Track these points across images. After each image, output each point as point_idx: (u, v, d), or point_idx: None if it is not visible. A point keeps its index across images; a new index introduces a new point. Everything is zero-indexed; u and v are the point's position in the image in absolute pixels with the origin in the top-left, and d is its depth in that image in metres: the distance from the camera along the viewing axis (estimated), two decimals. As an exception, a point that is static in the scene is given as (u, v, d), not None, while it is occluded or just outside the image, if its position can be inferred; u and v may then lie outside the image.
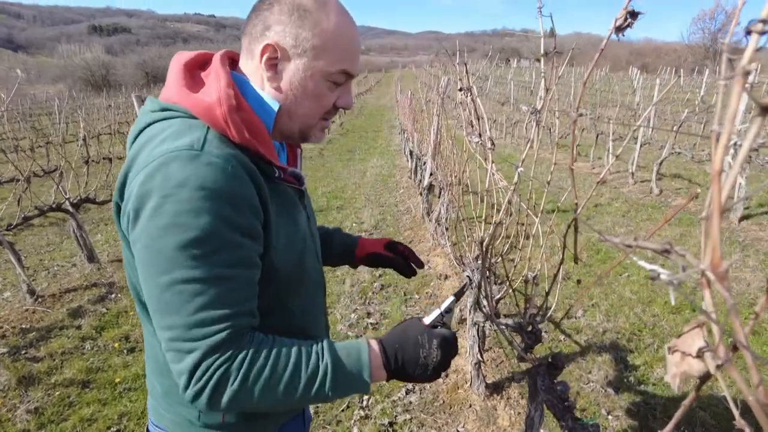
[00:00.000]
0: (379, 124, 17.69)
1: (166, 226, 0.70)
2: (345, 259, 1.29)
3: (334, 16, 0.83)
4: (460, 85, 1.81)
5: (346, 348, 0.83)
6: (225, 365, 0.72)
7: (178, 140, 0.74)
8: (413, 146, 7.66)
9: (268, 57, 0.83)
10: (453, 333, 0.91)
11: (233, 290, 0.74)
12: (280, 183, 0.88)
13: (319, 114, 0.89)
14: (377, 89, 42.71)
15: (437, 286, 4.06)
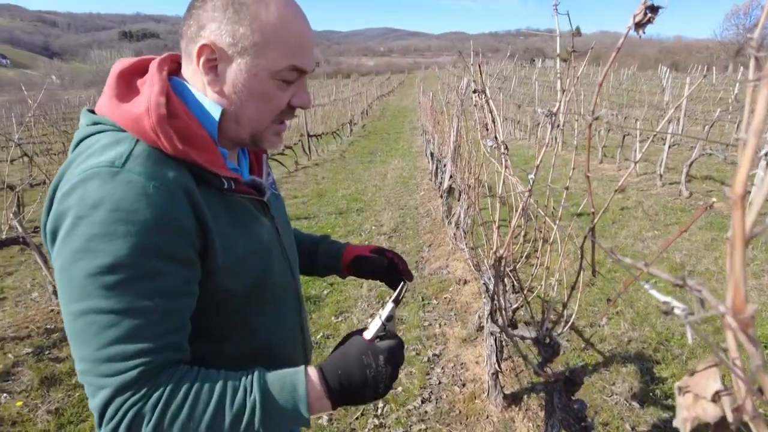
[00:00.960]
0: (401, 126, 17.65)
1: (78, 250, 0.64)
2: (332, 268, 1.20)
3: (275, 7, 0.75)
4: (474, 87, 1.75)
5: (280, 380, 0.73)
6: (138, 405, 0.65)
7: (101, 156, 0.68)
8: (434, 148, 7.59)
9: (206, 59, 0.75)
10: (398, 341, 0.82)
11: (151, 324, 0.67)
12: (232, 194, 0.81)
13: (270, 117, 0.81)
14: (400, 91, 42.69)
15: (456, 291, 3.98)
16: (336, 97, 22.30)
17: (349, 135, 15.66)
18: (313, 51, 0.80)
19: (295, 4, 0.78)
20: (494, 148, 1.69)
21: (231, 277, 0.78)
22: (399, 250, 5.09)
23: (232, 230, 0.79)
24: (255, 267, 0.83)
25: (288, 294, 0.95)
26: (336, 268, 1.19)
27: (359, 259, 1.16)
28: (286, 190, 8.17)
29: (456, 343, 3.20)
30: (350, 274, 1.19)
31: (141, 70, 0.80)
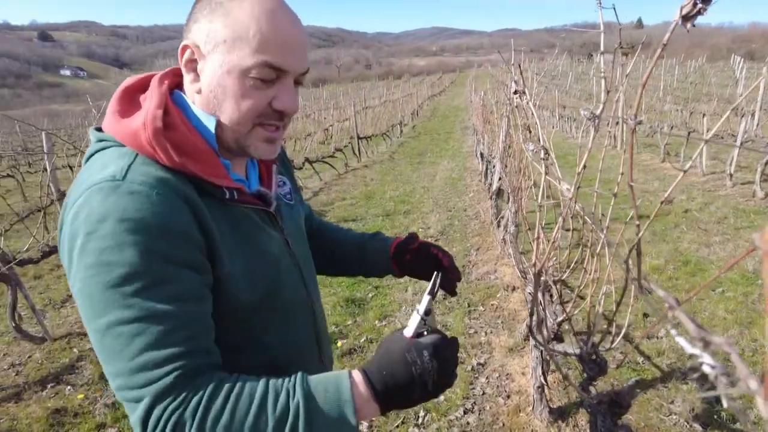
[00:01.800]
0: (452, 126, 17.45)
1: (92, 265, 0.65)
2: (382, 265, 1.12)
3: (249, 4, 0.73)
4: (514, 88, 1.67)
5: (323, 383, 0.70)
6: (178, 411, 0.64)
7: (103, 172, 0.69)
8: (483, 148, 7.43)
9: (187, 59, 0.76)
10: (442, 336, 0.77)
11: (177, 328, 0.66)
12: (235, 205, 0.79)
13: (248, 118, 0.76)
14: (451, 90, 42.30)
15: (504, 297, 3.85)
16: (386, 99, 22.37)
17: (398, 136, 15.65)
18: (295, 50, 0.76)
19: (275, 2, 0.75)
20: (536, 152, 1.60)
21: (238, 288, 0.77)
22: (446, 253, 5.00)
23: (235, 241, 0.78)
24: (262, 279, 0.81)
25: (300, 307, 0.93)
26: (385, 263, 1.12)
27: (400, 247, 1.10)
28: (335, 192, 8.26)
29: (502, 352, 3.09)
30: (398, 268, 1.11)
31: (146, 86, 0.80)
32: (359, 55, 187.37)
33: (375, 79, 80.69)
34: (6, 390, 3.07)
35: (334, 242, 1.19)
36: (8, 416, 2.79)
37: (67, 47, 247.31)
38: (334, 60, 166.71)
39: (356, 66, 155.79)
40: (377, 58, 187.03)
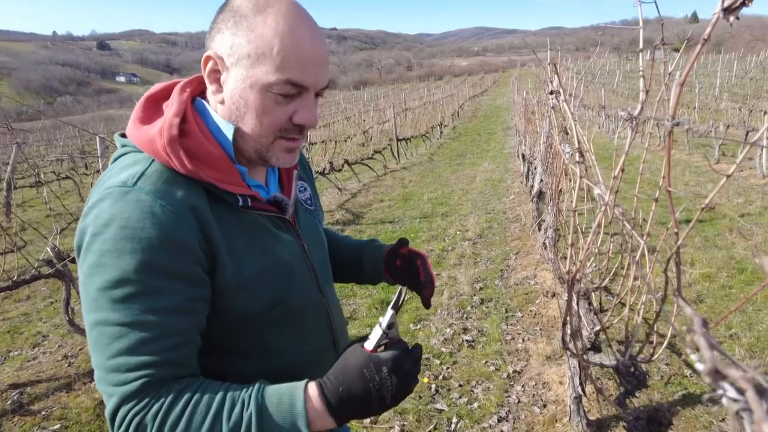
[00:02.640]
0: (494, 126, 17.18)
1: (93, 265, 0.69)
2: (377, 272, 1.12)
3: (273, 20, 0.73)
4: (550, 88, 1.61)
5: (278, 394, 0.70)
6: (140, 415, 0.67)
7: (118, 176, 0.72)
8: (525, 149, 7.27)
9: (210, 69, 0.78)
10: (403, 348, 0.76)
11: (154, 339, 0.68)
12: (248, 211, 0.80)
13: (270, 132, 0.78)
14: (494, 90, 41.68)
15: (543, 304, 3.75)
16: (427, 100, 22.28)
17: (438, 137, 15.55)
18: (316, 67, 0.77)
19: (299, 19, 0.76)
20: (572, 155, 1.54)
21: (245, 295, 0.78)
22: (484, 257, 4.92)
23: (246, 247, 0.79)
24: (272, 285, 0.82)
25: (315, 313, 0.93)
26: (379, 269, 1.12)
27: (391, 252, 1.10)
28: (373, 193, 8.28)
29: (539, 360, 3.00)
30: (390, 274, 1.11)
31: (169, 93, 0.82)
32: (400, 56, 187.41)
33: (416, 80, 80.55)
34: (59, 380, 3.24)
35: (332, 247, 1.18)
36: (60, 405, 2.93)
37: (122, 55, 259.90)
38: (375, 62, 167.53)
39: (397, 68, 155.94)
40: (418, 60, 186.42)
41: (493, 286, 4.20)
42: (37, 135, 23.92)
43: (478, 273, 4.51)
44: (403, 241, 1.09)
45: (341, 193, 8.37)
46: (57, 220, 7.88)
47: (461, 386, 2.82)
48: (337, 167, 8.52)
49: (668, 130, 0.83)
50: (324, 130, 15.55)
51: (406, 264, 1.07)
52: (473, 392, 2.76)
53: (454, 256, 5.01)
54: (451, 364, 3.05)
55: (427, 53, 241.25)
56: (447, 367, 3.01)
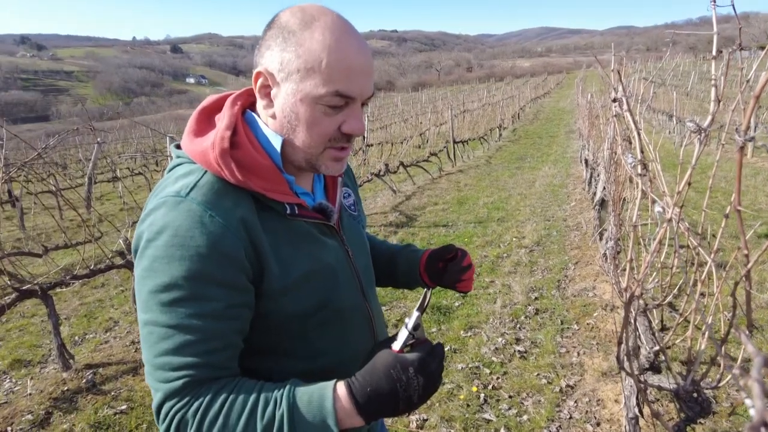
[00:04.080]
0: (556, 130, 16.65)
1: (145, 269, 0.74)
2: (412, 276, 1.15)
3: (320, 34, 0.76)
4: (613, 95, 1.54)
5: (308, 394, 0.73)
6: (181, 411, 0.72)
7: (173, 186, 0.77)
8: (588, 154, 6.99)
9: (261, 85, 0.81)
10: (429, 348, 0.78)
11: (198, 342, 0.73)
12: (294, 219, 0.84)
13: (320, 142, 0.81)
14: (557, 92, 40.40)
15: (601, 317, 3.59)
16: (486, 102, 21.93)
17: (497, 140, 15.26)
18: (362, 78, 0.80)
19: (345, 32, 0.78)
20: (634, 166, 1.47)
21: (291, 298, 0.82)
22: (541, 265, 4.78)
23: (292, 253, 0.82)
24: (317, 289, 0.85)
25: (358, 316, 0.95)
26: (414, 274, 1.15)
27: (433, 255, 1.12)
28: (427, 196, 8.25)
29: (594, 376, 2.87)
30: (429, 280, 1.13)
31: (221, 106, 0.87)
32: (460, 57, 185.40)
33: (475, 81, 79.45)
34: (126, 364, 3.46)
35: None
36: (126, 387, 3.13)
37: (192, 57, 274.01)
38: (435, 64, 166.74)
39: (457, 69, 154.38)
40: (479, 61, 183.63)
41: (549, 296, 4.07)
42: (115, 134, 25.65)
43: (533, 282, 4.39)
44: (450, 247, 1.11)
45: (395, 195, 8.40)
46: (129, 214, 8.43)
47: (511, 397, 2.76)
48: (392, 169, 8.56)
49: (740, 146, 0.78)
50: (381, 132, 15.66)
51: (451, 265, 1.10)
52: (523, 404, 2.69)
53: (509, 263, 4.90)
54: (501, 374, 2.99)
55: (488, 54, 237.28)
56: (497, 377, 2.95)
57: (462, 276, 1.09)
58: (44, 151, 3.39)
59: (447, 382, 2.93)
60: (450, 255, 1.10)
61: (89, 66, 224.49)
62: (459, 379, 2.95)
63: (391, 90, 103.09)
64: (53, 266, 4.52)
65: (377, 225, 6.64)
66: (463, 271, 1.08)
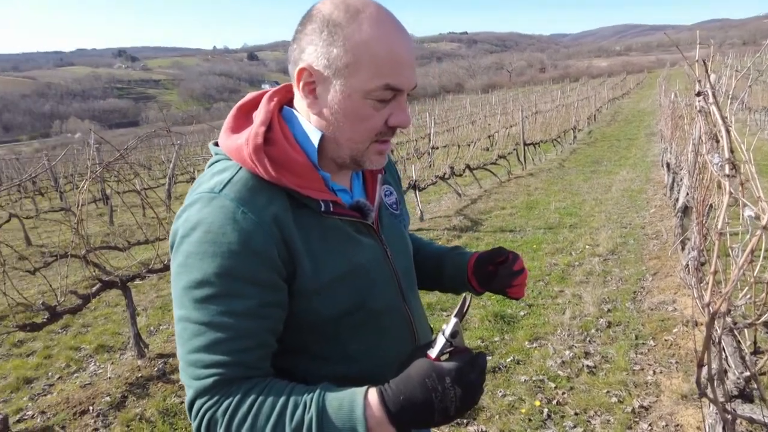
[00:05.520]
0: (635, 132, 15.70)
1: (180, 264, 0.74)
2: (459, 280, 1.09)
3: (368, 27, 0.74)
4: (697, 89, 1.39)
5: (339, 399, 0.70)
6: (212, 410, 0.72)
7: (208, 182, 0.77)
8: (671, 157, 6.50)
9: (305, 82, 0.78)
10: (468, 358, 0.73)
11: (229, 339, 0.72)
12: (328, 216, 0.81)
13: (367, 137, 0.80)
14: (637, 92, 38.18)
15: (682, 334, 3.29)
16: (559, 103, 21.10)
17: (571, 142, 14.63)
18: (409, 70, 0.78)
19: (390, 23, 0.77)
20: (721, 167, 1.31)
21: (324, 298, 0.79)
22: (615, 275, 4.49)
23: (326, 252, 0.80)
24: (352, 289, 0.82)
25: (397, 320, 0.91)
26: (461, 278, 1.08)
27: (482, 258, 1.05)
28: (494, 200, 8.03)
29: (672, 398, 2.63)
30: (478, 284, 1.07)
31: (259, 104, 0.85)
32: (533, 58, 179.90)
33: (548, 82, 76.87)
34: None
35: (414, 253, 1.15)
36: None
37: (267, 64, 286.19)
38: (506, 65, 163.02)
39: (529, 70, 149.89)
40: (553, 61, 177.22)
41: (624, 308, 3.80)
42: (195, 137, 27.28)
43: (606, 293, 4.12)
44: (501, 250, 1.03)
45: (460, 199, 8.26)
46: (206, 213, 8.88)
47: (577, 414, 2.59)
48: (457, 172, 8.42)
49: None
50: (447, 134, 15.50)
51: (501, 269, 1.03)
52: (590, 423, 2.51)
53: (581, 272, 4.64)
54: (567, 389, 2.82)
55: (563, 54, 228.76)
56: (562, 392, 2.79)
57: (513, 281, 1.01)
58: (126, 153, 3.64)
59: (508, 394, 2.81)
60: (501, 258, 1.03)
61: (174, 74, 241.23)
62: (521, 392, 2.81)
63: (460, 92, 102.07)
64: (133, 260, 4.84)
65: (440, 228, 6.55)
66: (514, 275, 1.01)
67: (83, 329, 4.47)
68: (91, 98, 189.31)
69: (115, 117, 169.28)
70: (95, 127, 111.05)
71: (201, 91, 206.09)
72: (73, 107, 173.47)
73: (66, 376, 3.62)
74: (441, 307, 4.06)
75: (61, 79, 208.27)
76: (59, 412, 3.06)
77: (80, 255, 3.48)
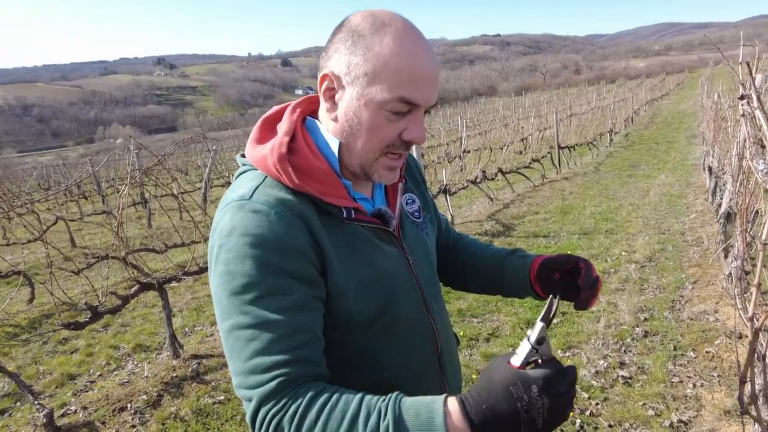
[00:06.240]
0: (675, 134, 15.19)
1: (222, 273, 0.74)
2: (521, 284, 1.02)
3: (390, 39, 0.75)
4: (741, 92, 1.33)
5: (416, 407, 0.67)
6: (278, 416, 0.68)
7: (236, 192, 0.79)
8: (713, 161, 6.26)
9: (326, 87, 0.80)
10: (557, 368, 0.68)
11: (283, 337, 0.71)
12: (350, 223, 0.82)
13: (378, 148, 0.80)
14: (677, 93, 36.95)
15: (724, 346, 3.15)
16: (595, 105, 20.62)
17: (607, 145, 14.26)
18: (427, 86, 0.78)
19: (414, 39, 0.77)
20: (766, 173, 1.26)
21: (348, 304, 0.80)
22: (653, 283, 4.35)
23: (351, 257, 0.81)
24: (375, 296, 0.83)
25: (419, 328, 0.91)
26: (522, 282, 1.01)
27: (547, 264, 0.97)
28: (527, 205, 7.90)
29: (714, 413, 2.52)
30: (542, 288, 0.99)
31: (283, 115, 0.88)
32: (567, 60, 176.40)
33: (584, 84, 75.25)
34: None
35: (469, 256, 1.13)
36: (225, 379, 3.35)
37: (300, 70, 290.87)
38: (540, 67, 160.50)
39: (563, 72, 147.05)
40: (588, 62, 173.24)
41: (661, 317, 3.67)
42: (230, 142, 27.92)
43: (643, 301, 3.99)
44: (570, 257, 0.95)
45: (492, 203, 8.16)
46: (240, 216, 9.06)
47: (611, 427, 2.51)
48: (489, 176, 8.33)
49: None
50: (479, 138, 15.35)
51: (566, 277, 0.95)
52: (626, 437, 2.43)
53: (617, 279, 4.52)
54: (601, 400, 2.74)
55: (598, 55, 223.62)
56: (596, 403, 2.71)
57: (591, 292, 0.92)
58: (164, 159, 3.75)
59: (540, 403, 2.75)
60: (569, 265, 0.94)
61: (210, 81, 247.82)
62: (553, 402, 2.75)
63: (492, 95, 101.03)
64: (169, 263, 4.98)
65: (471, 233, 6.49)
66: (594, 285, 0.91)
67: (122, 329, 4.63)
68: (132, 105, 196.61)
69: (154, 123, 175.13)
70: (135, 132, 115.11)
71: (236, 97, 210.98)
72: (115, 114, 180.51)
73: (106, 374, 3.76)
74: (471, 313, 4.02)
75: (105, 87, 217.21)
76: (99, 408, 3.17)
77: (120, 257, 3.61)
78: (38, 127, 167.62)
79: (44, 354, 4.22)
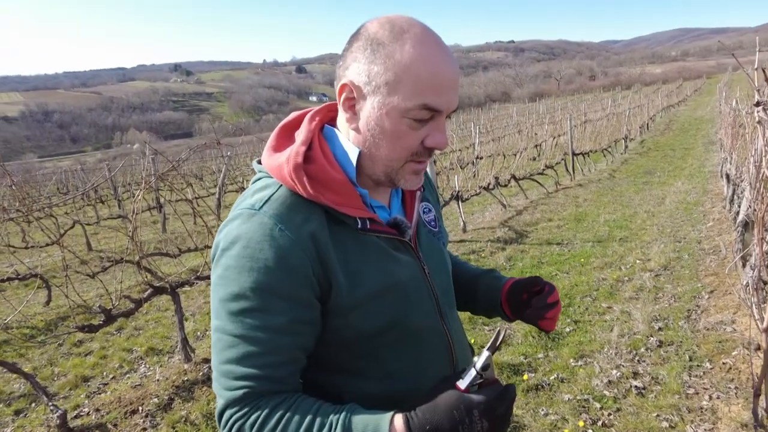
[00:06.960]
0: (692, 141, 14.98)
1: (219, 276, 0.77)
2: (492, 305, 1.08)
3: (410, 47, 0.75)
4: (756, 98, 1.31)
5: (364, 422, 0.71)
6: (240, 421, 0.74)
7: (249, 199, 0.80)
8: (731, 168, 6.15)
9: (346, 97, 0.80)
10: (498, 390, 0.73)
11: (260, 354, 0.74)
12: (365, 233, 0.82)
13: (403, 156, 0.80)
14: (695, 99, 36.49)
15: (742, 357, 3.08)
16: (610, 112, 20.43)
17: (623, 152, 14.12)
18: (449, 92, 0.78)
19: (434, 44, 0.77)
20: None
21: (360, 315, 0.80)
22: (668, 292, 4.28)
23: (363, 268, 0.81)
24: (388, 306, 0.82)
25: (434, 338, 0.90)
26: (494, 302, 1.08)
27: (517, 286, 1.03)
28: (540, 211, 7.84)
29: (731, 426, 2.45)
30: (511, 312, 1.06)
31: (301, 123, 0.88)
32: (582, 66, 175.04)
33: (599, 90, 74.66)
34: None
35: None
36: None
37: (315, 77, 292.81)
38: (554, 73, 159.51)
39: (578, 78, 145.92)
40: (603, 68, 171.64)
41: (676, 327, 3.61)
42: (244, 147, 28.20)
43: (658, 310, 3.93)
44: (537, 280, 1.01)
45: (505, 210, 8.11)
46: (253, 221, 9.12)
47: (625, 439, 2.46)
48: (502, 182, 8.29)
49: None
50: (492, 144, 15.30)
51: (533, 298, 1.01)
52: (640, 449, 2.39)
53: (631, 288, 4.45)
54: (614, 410, 2.69)
55: (614, 61, 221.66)
56: (608, 414, 2.67)
57: (546, 313, 0.99)
58: (178, 165, 3.80)
59: (551, 413, 2.72)
60: (536, 288, 1.01)
61: (226, 87, 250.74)
62: (565, 412, 2.71)
63: (506, 101, 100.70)
64: (183, 267, 5.03)
65: (483, 240, 6.45)
66: (547, 308, 0.98)
67: (135, 332, 4.67)
68: (149, 111, 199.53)
69: (170, 128, 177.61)
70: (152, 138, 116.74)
71: (251, 103, 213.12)
72: (132, 119, 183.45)
73: (119, 376, 3.80)
74: (483, 321, 3.99)
75: (122, 93, 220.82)
76: (112, 410, 3.20)
77: (134, 261, 3.65)
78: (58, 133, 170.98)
79: (59, 356, 4.28)
